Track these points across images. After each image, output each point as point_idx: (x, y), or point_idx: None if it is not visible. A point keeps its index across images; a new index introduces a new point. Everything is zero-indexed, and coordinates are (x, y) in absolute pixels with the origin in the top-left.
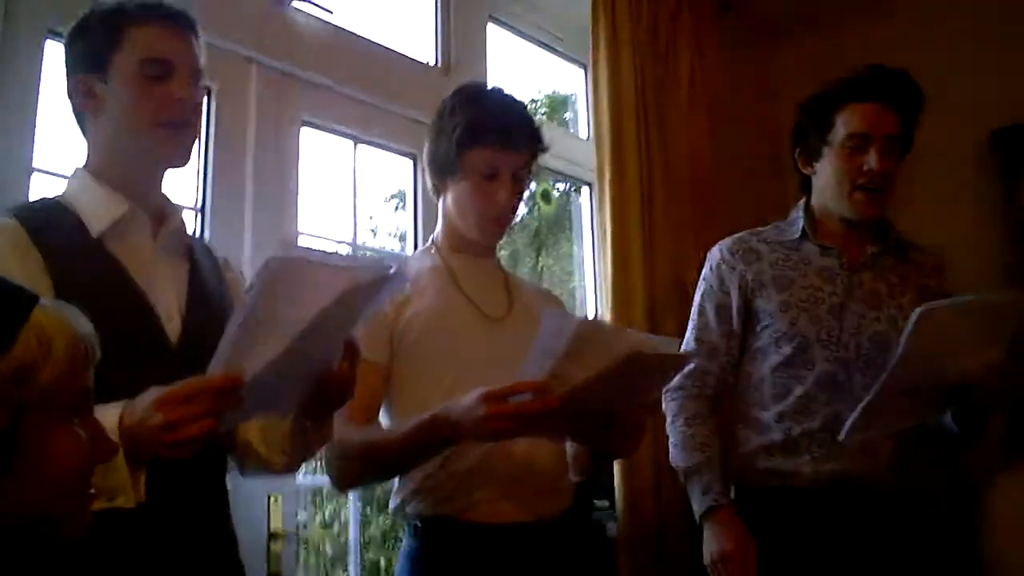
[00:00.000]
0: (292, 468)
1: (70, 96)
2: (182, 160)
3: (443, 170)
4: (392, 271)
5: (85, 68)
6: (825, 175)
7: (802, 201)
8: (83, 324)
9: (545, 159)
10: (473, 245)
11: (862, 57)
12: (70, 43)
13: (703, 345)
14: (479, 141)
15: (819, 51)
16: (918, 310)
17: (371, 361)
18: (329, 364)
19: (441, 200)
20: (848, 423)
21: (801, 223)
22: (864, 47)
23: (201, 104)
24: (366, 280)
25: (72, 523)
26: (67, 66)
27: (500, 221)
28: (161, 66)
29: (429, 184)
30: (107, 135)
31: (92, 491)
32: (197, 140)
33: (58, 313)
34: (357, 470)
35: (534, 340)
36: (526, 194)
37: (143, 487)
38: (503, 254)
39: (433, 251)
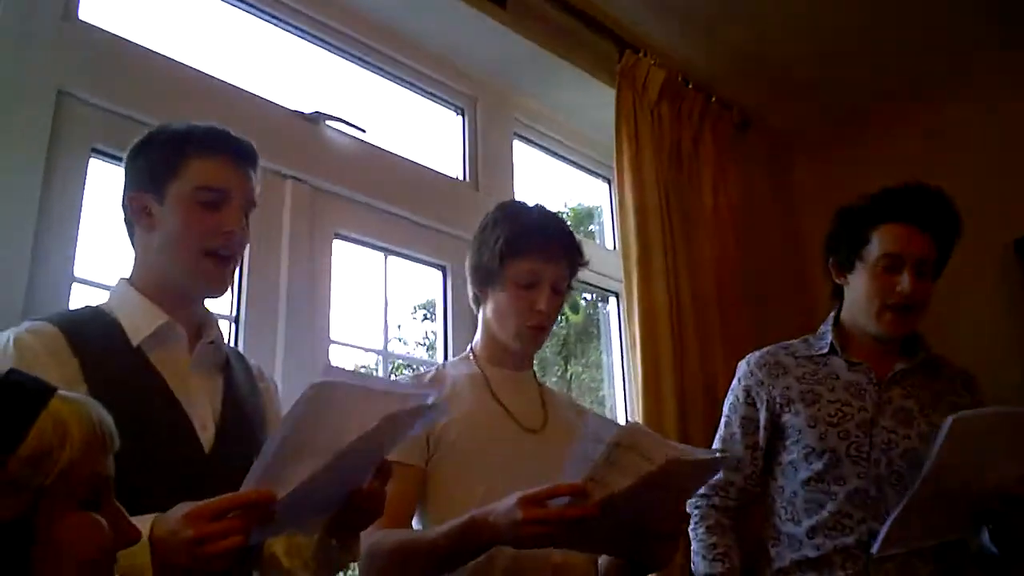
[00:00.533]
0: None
1: (124, 207)
2: (220, 292)
3: (485, 280)
4: (431, 400)
5: (142, 186)
6: (857, 290)
7: (831, 315)
8: (101, 413)
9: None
10: (510, 357)
11: (883, 167)
12: (132, 158)
13: (730, 457)
14: (521, 252)
15: (840, 162)
16: (951, 417)
17: (407, 464)
18: (360, 483)
19: (481, 310)
20: (881, 535)
21: (830, 337)
22: (885, 157)
23: (247, 237)
24: (405, 409)
25: None
26: (126, 178)
27: (539, 330)
28: (215, 194)
29: (470, 294)
30: (155, 253)
31: None
32: (236, 271)
33: (76, 402)
34: (389, 572)
35: (573, 445)
36: None
37: None
38: None
39: (471, 359)
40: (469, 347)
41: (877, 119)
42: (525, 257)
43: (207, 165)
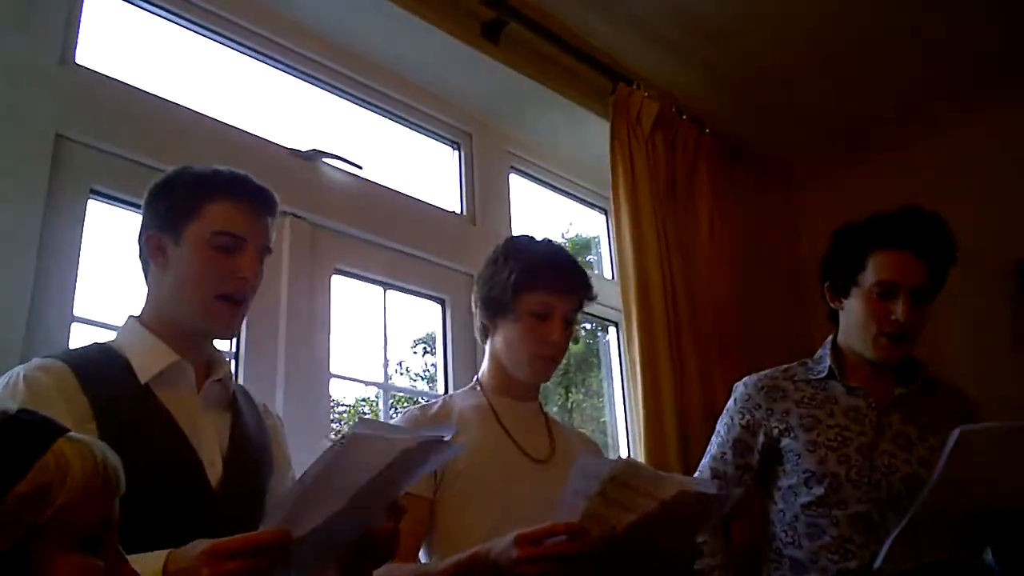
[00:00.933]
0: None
1: (140, 245)
2: (229, 335)
3: (496, 311)
4: (447, 437)
5: (160, 227)
6: (852, 315)
7: (829, 338)
8: (108, 455)
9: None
10: (518, 387)
11: (881, 191)
12: (152, 198)
13: (716, 474)
14: (535, 284)
15: (838, 187)
16: (957, 430)
17: (415, 495)
18: (373, 519)
19: (489, 341)
20: (883, 550)
21: (828, 361)
22: (883, 181)
23: (260, 282)
24: (418, 443)
25: None
26: (144, 216)
27: (551, 360)
28: (232, 240)
29: (477, 325)
30: (167, 292)
31: None
32: (245, 315)
33: (83, 443)
34: None
35: (567, 483)
36: None
37: None
38: None
39: (478, 390)
40: (475, 378)
41: (874, 143)
42: (539, 290)
43: (226, 210)
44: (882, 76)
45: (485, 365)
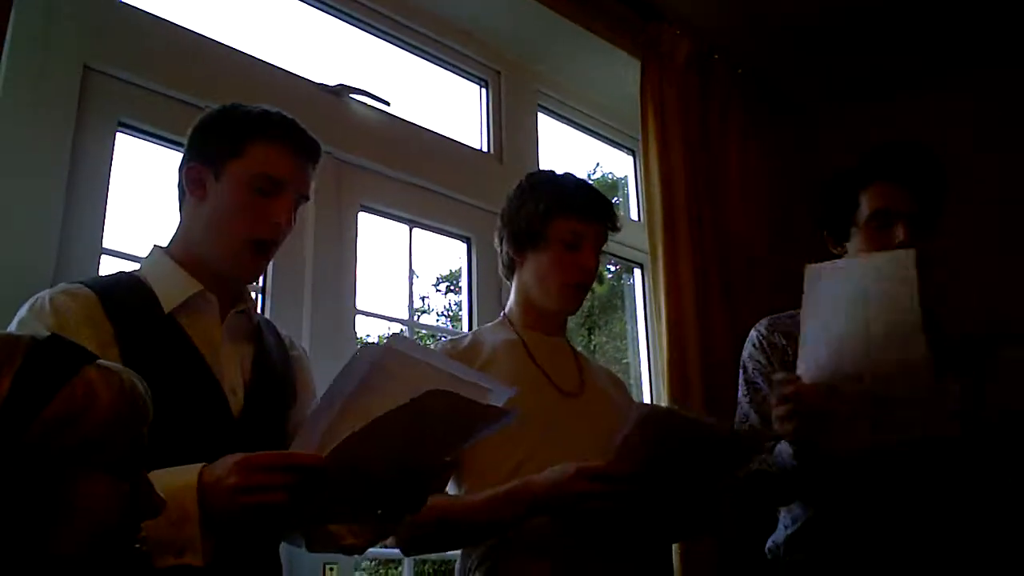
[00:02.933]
0: (359, 550)
1: (180, 175)
2: (252, 279)
3: (524, 241)
4: (501, 405)
5: (203, 159)
6: (857, 253)
7: None
8: (137, 384)
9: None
10: (547, 320)
11: (915, 138)
12: (199, 130)
13: (766, 417)
14: (565, 211)
15: (870, 133)
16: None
17: None
18: (427, 476)
19: (516, 275)
20: None
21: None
22: (917, 128)
23: (291, 229)
24: (462, 393)
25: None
26: (188, 147)
27: (581, 288)
28: (271, 183)
29: (504, 259)
30: (199, 227)
31: (138, 545)
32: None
33: (112, 371)
34: (428, 538)
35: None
36: None
37: (211, 549)
38: None
39: (507, 324)
40: (503, 313)
41: (909, 91)
42: (569, 217)
43: (270, 152)
44: (917, 23)
45: (512, 300)
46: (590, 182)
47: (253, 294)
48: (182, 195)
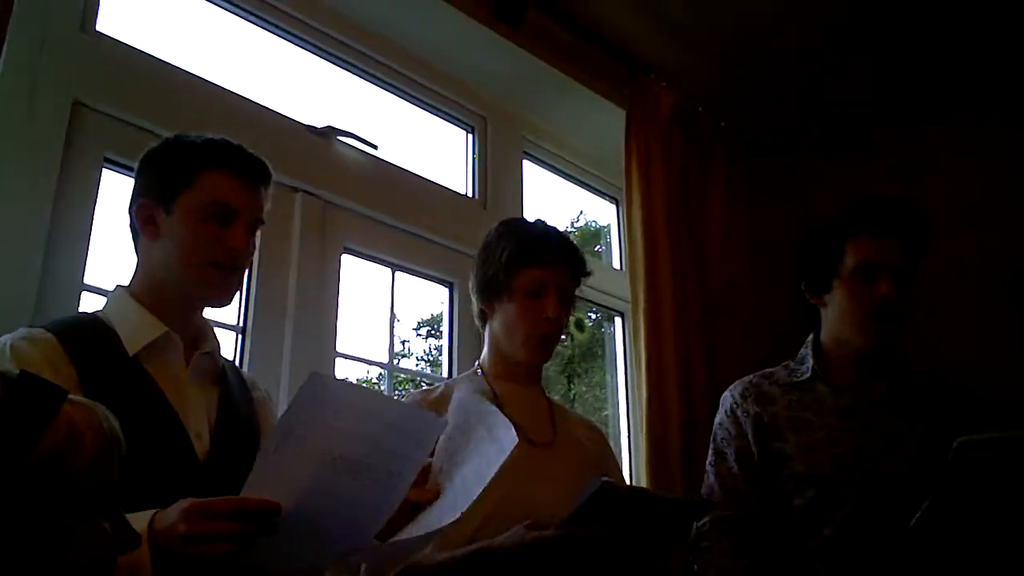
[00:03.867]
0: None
1: (130, 214)
2: (224, 301)
3: (491, 293)
4: (433, 422)
5: (151, 195)
6: (836, 307)
7: (810, 338)
8: (111, 419)
9: (579, 289)
10: (519, 371)
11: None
12: (144, 167)
13: (728, 491)
14: (527, 261)
15: (852, 187)
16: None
17: None
18: (366, 524)
19: (488, 326)
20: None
21: (811, 362)
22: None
23: (253, 251)
24: (403, 420)
25: None
26: (136, 185)
27: (547, 339)
28: (224, 210)
29: (475, 310)
30: (157, 262)
31: None
32: (241, 283)
33: (87, 407)
34: None
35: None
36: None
37: None
38: None
39: (479, 375)
40: (476, 364)
41: (886, 143)
42: (531, 266)
43: (220, 180)
44: (896, 78)
45: (485, 351)
46: (557, 229)
47: (232, 335)
48: (135, 234)
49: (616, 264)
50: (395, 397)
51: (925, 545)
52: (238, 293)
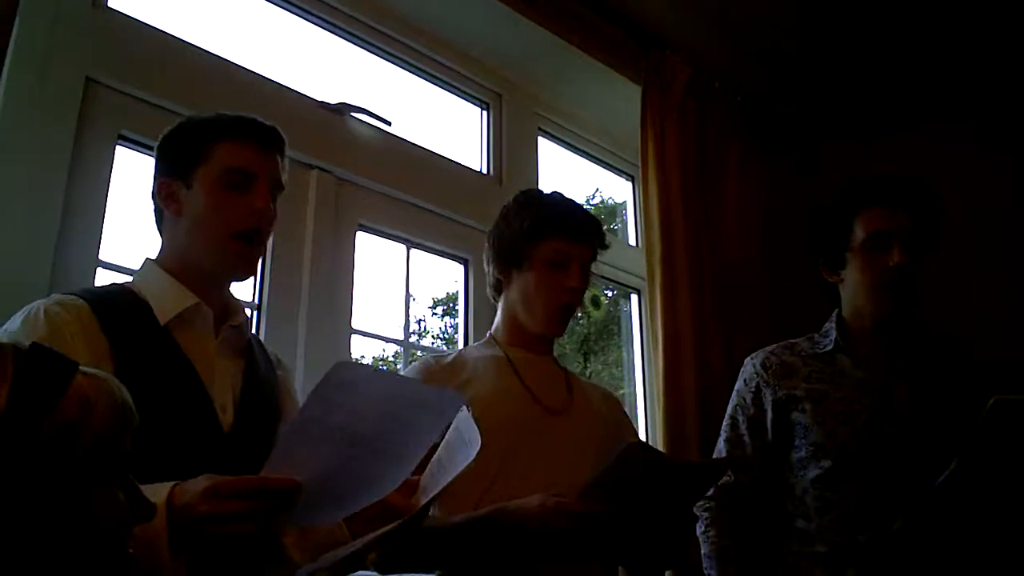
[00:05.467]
0: None
1: (153, 195)
2: (247, 274)
3: (509, 262)
4: (451, 397)
5: (171, 173)
6: (852, 281)
7: (835, 312)
8: (122, 390)
9: (595, 266)
10: (533, 340)
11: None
12: (163, 148)
13: (736, 458)
14: (550, 232)
15: (867, 161)
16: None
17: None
18: (384, 483)
19: (503, 295)
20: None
21: (834, 335)
22: (912, 159)
23: (275, 218)
24: (420, 396)
25: None
26: (156, 167)
27: (566, 310)
28: (242, 176)
29: (490, 279)
30: (182, 237)
31: (131, 551)
32: (263, 255)
33: (99, 378)
34: (402, 558)
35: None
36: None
37: (183, 569)
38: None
39: (493, 343)
40: (488, 334)
41: (905, 121)
42: (555, 237)
43: (234, 149)
44: (913, 59)
45: (499, 320)
46: (579, 203)
47: (248, 312)
48: (159, 214)
49: (632, 241)
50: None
51: (951, 503)
52: (256, 272)
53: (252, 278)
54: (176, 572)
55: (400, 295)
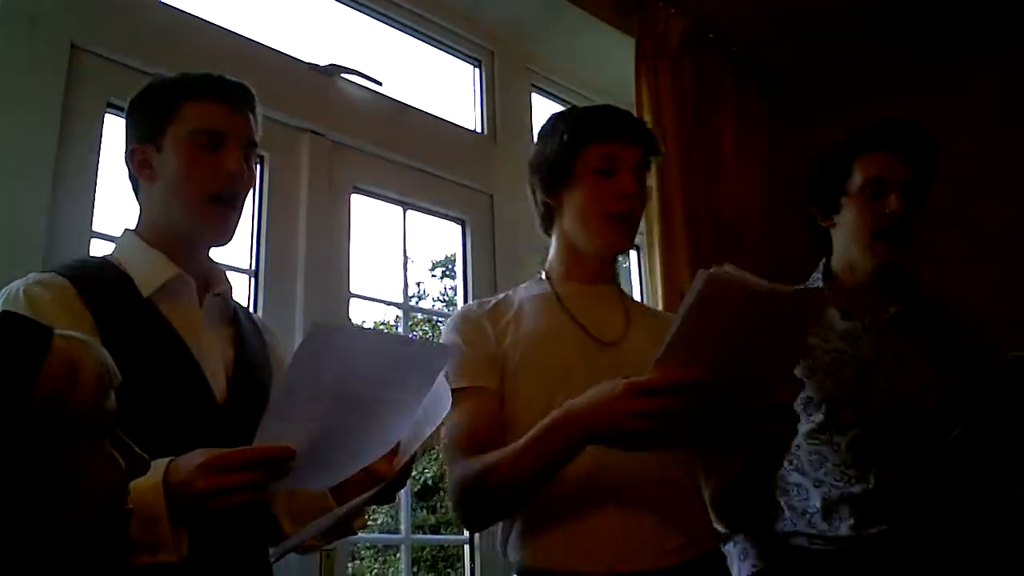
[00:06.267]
0: (315, 549)
1: (126, 162)
2: (225, 238)
3: (554, 183)
4: (439, 350)
5: (141, 138)
6: (846, 226)
7: (821, 263)
8: (101, 349)
9: None
10: (588, 269)
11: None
12: (130, 112)
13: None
14: (593, 136)
15: (862, 114)
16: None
17: (482, 387)
18: (375, 448)
19: (555, 224)
20: None
21: (821, 285)
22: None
23: (252, 179)
24: (408, 352)
25: (116, 542)
26: (126, 133)
27: (624, 219)
28: (212, 136)
29: (538, 209)
30: (158, 203)
31: (130, 507)
32: (240, 218)
33: (78, 340)
34: (484, 501)
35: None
36: None
37: (185, 543)
38: None
39: (543, 280)
40: (540, 271)
41: (902, 71)
42: (599, 141)
43: (202, 108)
44: (912, 19)
45: (552, 253)
46: (617, 107)
47: (244, 278)
48: (134, 181)
49: None
50: (414, 335)
51: (963, 458)
52: (251, 239)
53: (248, 244)
54: (179, 547)
55: (398, 258)
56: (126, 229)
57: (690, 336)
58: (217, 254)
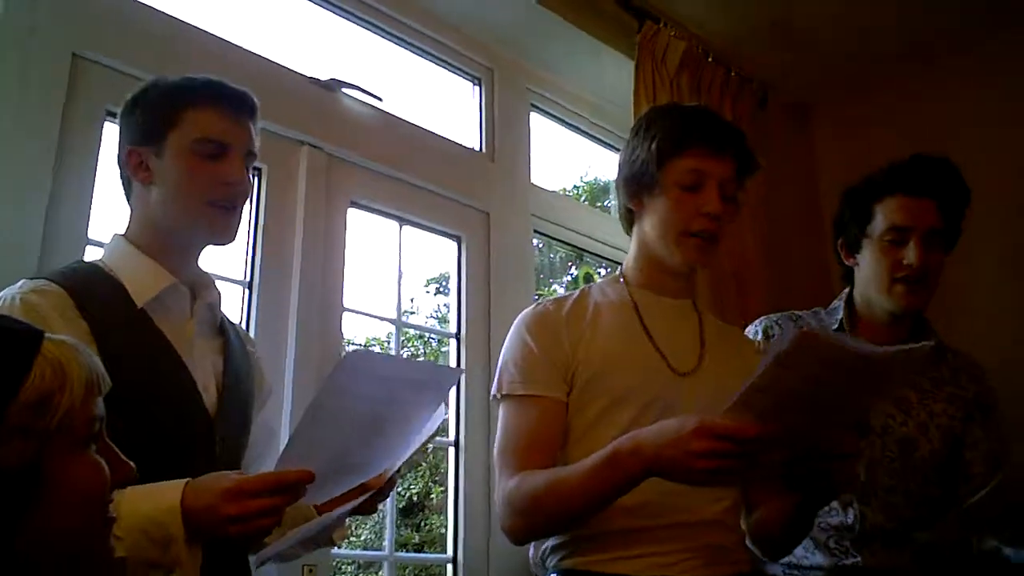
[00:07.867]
0: (295, 557)
1: (120, 164)
2: (228, 239)
3: (640, 186)
4: (448, 373)
5: (139, 140)
6: (866, 268)
7: (845, 291)
8: (91, 354)
9: (587, 244)
10: (666, 280)
11: (907, 138)
12: (128, 112)
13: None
14: (683, 147)
15: (862, 135)
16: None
17: (548, 396)
18: (379, 466)
19: (635, 227)
20: None
21: (841, 314)
22: (908, 128)
23: (250, 187)
24: (422, 375)
25: (98, 550)
26: (121, 134)
27: (704, 238)
28: (215, 146)
29: (620, 209)
30: (153, 207)
31: (113, 515)
32: (240, 220)
33: (68, 345)
34: (533, 522)
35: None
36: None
37: (199, 560)
38: None
39: (621, 282)
40: (619, 269)
41: (900, 88)
42: (688, 153)
43: (205, 116)
44: (905, 23)
45: (631, 256)
46: (716, 113)
47: (238, 289)
48: (127, 183)
49: None
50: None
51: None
52: (246, 250)
53: (244, 255)
54: (196, 565)
55: (392, 273)
56: (115, 234)
57: (768, 388)
58: (211, 265)
